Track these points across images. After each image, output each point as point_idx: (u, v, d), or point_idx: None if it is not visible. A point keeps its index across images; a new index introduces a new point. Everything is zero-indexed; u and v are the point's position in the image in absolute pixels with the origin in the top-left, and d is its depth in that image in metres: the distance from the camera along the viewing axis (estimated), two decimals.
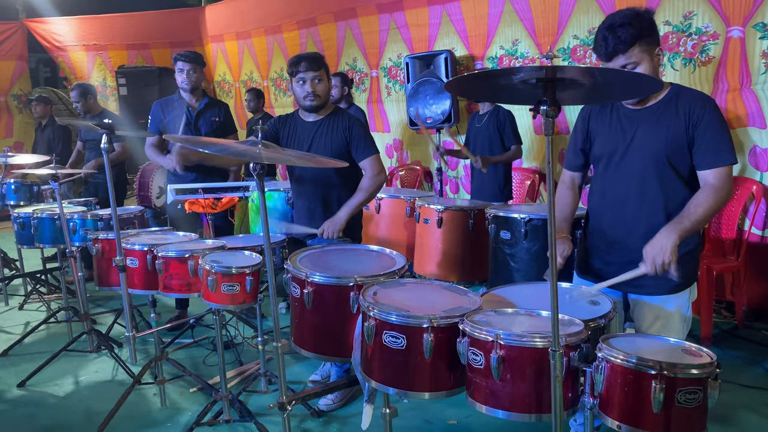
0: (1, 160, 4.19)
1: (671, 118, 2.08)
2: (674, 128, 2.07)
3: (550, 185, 1.32)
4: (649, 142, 2.10)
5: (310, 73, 3.05)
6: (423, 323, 1.77)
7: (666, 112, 2.09)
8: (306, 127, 3.19)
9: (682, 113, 2.06)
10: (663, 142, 2.08)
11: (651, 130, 2.10)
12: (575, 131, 2.38)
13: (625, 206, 2.18)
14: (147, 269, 2.92)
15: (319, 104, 3.11)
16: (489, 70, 1.28)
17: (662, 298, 2.16)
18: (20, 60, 9.23)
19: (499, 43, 5.36)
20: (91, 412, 3.18)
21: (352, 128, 3.13)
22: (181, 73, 4.08)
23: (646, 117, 2.12)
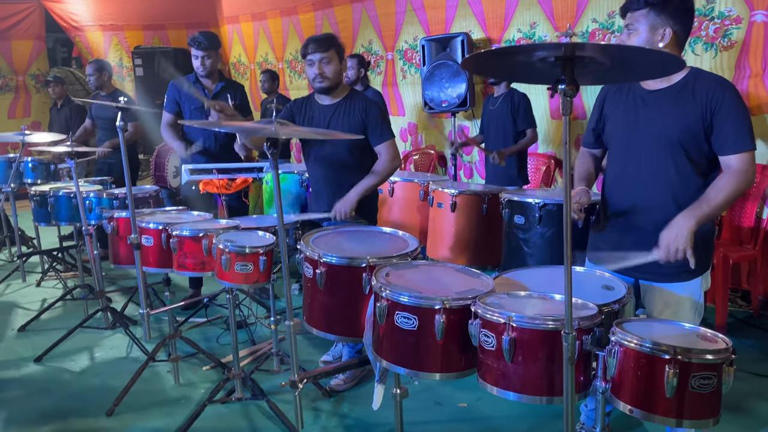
0: (18, 139, 4.22)
1: (687, 102, 2.03)
2: (690, 113, 2.02)
3: (567, 166, 1.30)
4: (662, 126, 2.07)
5: (317, 55, 3.01)
6: (435, 304, 1.77)
7: (682, 95, 2.05)
8: (323, 110, 3.16)
9: (700, 98, 2.01)
10: (676, 126, 2.04)
11: (664, 113, 2.07)
12: (593, 111, 2.37)
13: (637, 190, 2.16)
14: (162, 248, 2.94)
15: (328, 86, 3.06)
16: (507, 47, 1.26)
17: (674, 285, 2.14)
18: (38, 40, 9.27)
19: (517, 26, 5.29)
20: (105, 388, 3.23)
21: (368, 112, 3.09)
22: (196, 59, 4.06)
23: (661, 99, 2.08)
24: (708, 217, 1.98)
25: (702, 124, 2.02)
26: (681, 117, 2.03)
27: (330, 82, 3.05)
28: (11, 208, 4.89)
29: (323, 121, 3.12)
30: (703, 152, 2.07)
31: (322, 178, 3.22)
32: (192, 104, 4.10)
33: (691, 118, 2.02)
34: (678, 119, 2.04)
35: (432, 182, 3.99)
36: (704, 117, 2.01)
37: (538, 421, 2.83)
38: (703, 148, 2.06)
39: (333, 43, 3.05)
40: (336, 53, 3.05)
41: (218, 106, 3.39)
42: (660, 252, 1.96)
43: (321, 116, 3.14)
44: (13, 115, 9.12)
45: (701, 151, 2.06)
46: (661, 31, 2.01)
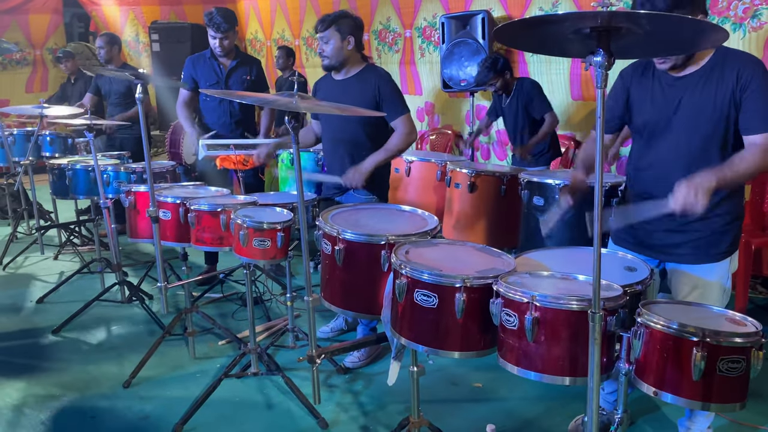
0: (37, 112, 4.23)
1: (718, 82, 1.98)
2: (722, 93, 1.98)
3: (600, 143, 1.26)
4: (696, 111, 2.02)
5: (319, 34, 3.07)
6: (456, 283, 1.75)
7: (711, 77, 2.00)
8: (336, 85, 3.18)
9: (729, 76, 1.97)
10: (710, 110, 2.00)
11: (697, 98, 2.02)
12: (614, 96, 2.29)
13: (670, 177, 2.07)
14: (179, 222, 2.94)
15: (329, 64, 3.10)
16: (543, 16, 1.21)
17: (702, 267, 2.10)
18: (55, 14, 9.26)
19: (539, 4, 5.18)
20: (122, 360, 3.26)
21: (381, 87, 3.07)
22: (214, 40, 4.02)
23: (691, 84, 2.03)
24: (727, 182, 1.91)
25: (733, 102, 1.98)
26: (713, 100, 1.99)
27: (330, 61, 3.08)
28: (29, 181, 4.91)
29: (334, 97, 3.12)
30: (736, 132, 2.02)
31: (337, 154, 3.22)
32: (208, 80, 4.08)
33: (722, 100, 1.98)
34: (710, 102, 2.00)
35: (450, 162, 3.95)
36: (735, 94, 1.97)
37: (553, 403, 2.82)
38: (735, 128, 2.02)
39: (332, 22, 3.04)
40: (336, 31, 3.03)
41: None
42: (675, 201, 1.85)
43: (333, 91, 3.17)
44: (30, 89, 9.16)
45: (734, 132, 2.02)
46: None
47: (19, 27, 8.92)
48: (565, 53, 1.40)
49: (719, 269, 2.10)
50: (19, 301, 4.14)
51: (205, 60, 4.13)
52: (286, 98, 1.90)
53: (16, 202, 5.62)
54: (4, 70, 8.93)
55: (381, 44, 6.82)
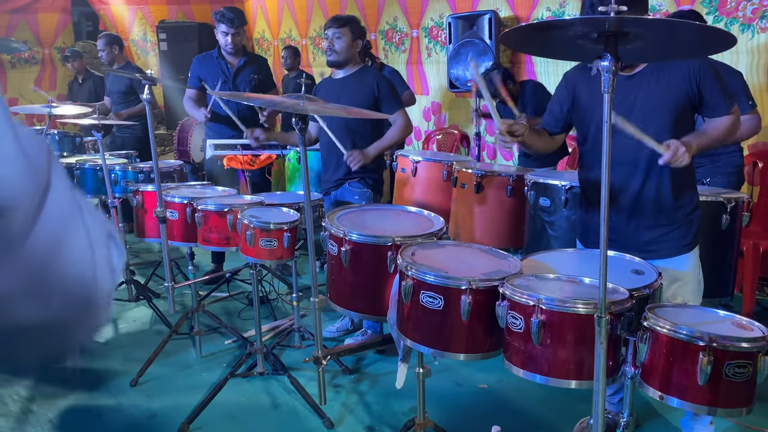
0: (45, 111, 4.25)
1: (669, 77, 2.08)
2: (674, 86, 2.08)
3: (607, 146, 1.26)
4: (651, 108, 2.10)
5: (331, 30, 3.22)
6: (462, 285, 1.75)
7: (662, 72, 2.09)
8: (335, 84, 3.36)
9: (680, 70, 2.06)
10: (666, 105, 2.09)
11: (653, 93, 2.10)
12: (557, 98, 2.35)
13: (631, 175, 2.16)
14: (186, 222, 2.96)
15: (336, 59, 3.26)
16: (549, 21, 1.21)
17: (676, 260, 2.18)
18: (63, 13, 9.29)
19: (546, 5, 5.17)
20: (129, 359, 3.28)
21: (380, 85, 3.27)
22: (225, 36, 4.04)
23: (644, 81, 2.11)
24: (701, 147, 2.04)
25: (689, 96, 2.08)
26: (667, 94, 2.09)
27: (338, 56, 3.25)
28: None
29: (334, 94, 3.28)
30: (689, 123, 2.15)
31: (332, 149, 3.31)
32: (215, 79, 4.10)
33: (676, 93, 2.08)
34: (665, 97, 2.09)
35: (456, 162, 3.94)
36: (690, 87, 2.07)
37: (558, 404, 2.81)
38: (689, 118, 2.14)
39: (349, 22, 3.26)
40: (350, 31, 3.24)
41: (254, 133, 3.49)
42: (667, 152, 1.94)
43: (333, 89, 3.33)
44: (39, 87, 9.19)
45: (687, 122, 2.14)
46: None
47: (27, 26, 8.96)
48: (572, 57, 1.40)
49: (691, 259, 2.20)
50: None
51: (213, 59, 4.14)
52: (293, 100, 1.91)
53: None
54: (13, 69, 8.97)
55: (388, 44, 6.82)
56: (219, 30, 4.05)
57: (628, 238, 2.19)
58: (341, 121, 3.26)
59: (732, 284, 2.99)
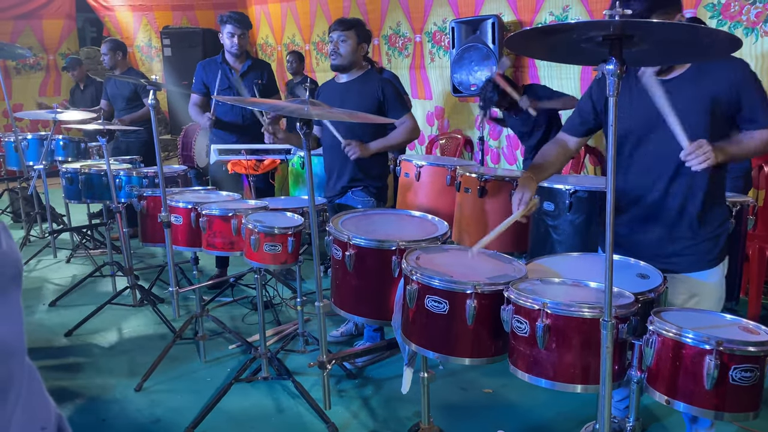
0: (50, 117, 4.27)
1: (707, 84, 1.97)
2: (712, 93, 1.96)
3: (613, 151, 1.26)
4: (686, 113, 1.96)
5: (336, 33, 3.18)
6: (467, 289, 1.75)
7: (699, 79, 1.98)
8: (339, 87, 3.32)
9: (719, 77, 1.96)
10: (701, 111, 1.97)
11: (689, 99, 1.98)
12: (588, 98, 2.24)
13: (657, 181, 2.08)
14: (191, 227, 2.96)
15: (340, 63, 3.22)
16: (552, 25, 1.21)
17: (699, 274, 2.10)
18: (68, 19, 9.35)
19: (549, 9, 5.18)
20: (133, 363, 3.28)
21: (385, 89, 3.24)
22: (232, 37, 4.06)
23: (680, 86, 2.00)
24: (733, 156, 1.95)
25: (728, 104, 1.97)
26: (703, 101, 1.97)
27: (342, 59, 3.21)
28: (43, 185, 4.96)
29: (338, 98, 3.25)
30: (725, 134, 2.02)
31: (335, 154, 3.32)
32: (220, 85, 4.12)
33: (714, 100, 1.97)
34: (701, 103, 1.97)
35: (459, 167, 3.94)
36: (730, 97, 1.96)
37: (563, 408, 2.80)
38: (725, 129, 2.02)
39: (355, 25, 3.22)
40: (355, 35, 3.20)
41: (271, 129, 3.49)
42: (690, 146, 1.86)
43: (336, 93, 3.29)
44: (43, 93, 9.24)
45: (723, 133, 2.01)
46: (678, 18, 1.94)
47: (32, 32, 9.01)
48: (577, 61, 1.40)
49: (715, 274, 2.10)
50: (33, 304, 4.18)
51: (217, 65, 4.16)
52: (297, 105, 1.91)
53: (30, 206, 5.67)
54: (18, 75, 9.02)
55: (391, 49, 6.84)
56: (224, 32, 4.08)
57: (650, 248, 2.10)
58: (344, 126, 3.26)
59: (737, 288, 2.98)
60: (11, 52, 5.19)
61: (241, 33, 4.05)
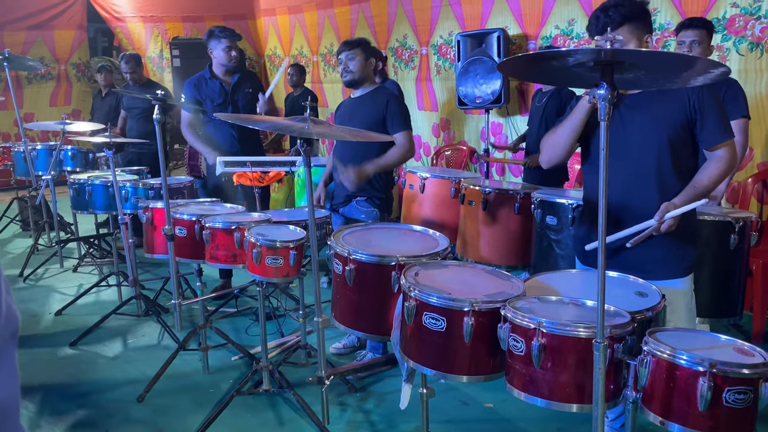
0: (59, 128, 4.32)
1: (669, 100, 2.10)
2: (674, 110, 2.10)
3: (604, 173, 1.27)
4: (650, 127, 2.13)
5: (344, 54, 3.35)
6: (464, 307, 1.76)
7: (663, 94, 2.11)
8: (352, 102, 3.47)
9: (678, 94, 2.09)
10: (665, 125, 2.11)
11: (651, 114, 2.13)
12: None
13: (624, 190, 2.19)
14: (194, 239, 2.99)
15: (353, 79, 3.36)
16: (543, 51, 1.23)
17: (670, 282, 2.17)
18: (80, 29, 9.47)
19: (554, 23, 5.20)
20: (137, 374, 3.30)
21: (389, 104, 3.36)
22: (229, 51, 4.05)
23: (644, 101, 2.14)
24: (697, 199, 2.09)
25: (687, 119, 2.10)
26: (666, 116, 2.11)
27: (353, 76, 3.36)
28: (51, 194, 5.01)
29: (349, 113, 3.41)
30: (688, 148, 2.16)
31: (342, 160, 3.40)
32: (215, 100, 4.12)
33: (676, 116, 2.10)
34: (664, 119, 2.11)
35: (464, 179, 3.95)
36: (687, 112, 2.10)
37: (564, 425, 2.80)
38: (688, 143, 2.15)
39: (359, 43, 3.38)
40: (362, 51, 3.36)
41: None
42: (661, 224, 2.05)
43: (349, 108, 3.45)
44: (54, 103, 9.35)
45: (687, 147, 2.16)
46: (645, 39, 2.08)
47: (44, 42, 9.13)
48: (571, 84, 1.42)
49: (685, 284, 2.19)
50: (39, 313, 4.22)
51: (206, 81, 4.14)
52: (299, 123, 1.93)
53: (38, 215, 5.73)
54: (29, 85, 9.13)
55: (398, 61, 6.88)
56: (219, 47, 4.04)
57: (624, 256, 2.19)
58: (349, 147, 3.38)
59: (741, 304, 2.97)
60: (22, 64, 5.27)
61: (235, 45, 4.09)
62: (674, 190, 2.13)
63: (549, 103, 4.32)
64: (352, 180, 3.25)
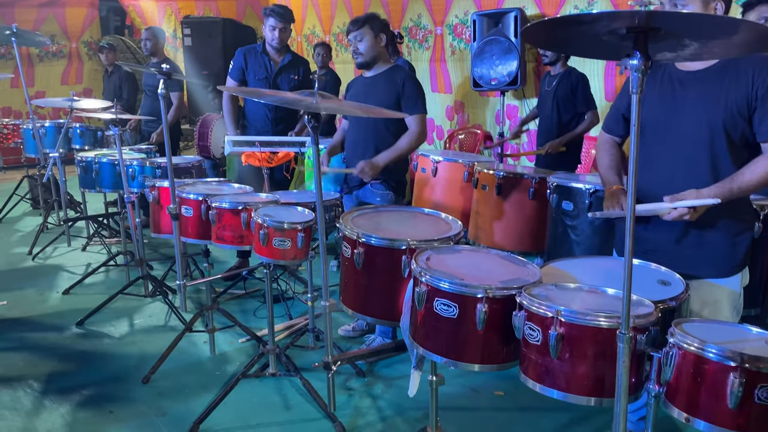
0: (67, 105, 4.26)
1: (731, 83, 1.89)
2: (734, 94, 1.88)
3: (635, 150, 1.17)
4: (703, 108, 1.92)
5: (352, 34, 3.23)
6: (477, 293, 1.67)
7: (725, 74, 1.90)
8: (365, 82, 3.34)
9: (744, 77, 1.87)
10: (719, 109, 1.90)
11: (707, 94, 1.92)
12: (621, 96, 2.23)
13: (673, 178, 2.00)
14: (201, 219, 2.92)
15: (364, 61, 3.25)
16: (575, 15, 1.13)
17: (718, 280, 2.02)
18: (91, 8, 9.40)
19: (574, 2, 5.05)
20: (143, 355, 3.27)
21: (405, 84, 3.23)
22: (273, 30, 4.05)
23: (703, 79, 1.93)
24: (733, 197, 1.88)
25: (746, 106, 1.88)
26: (724, 99, 1.90)
27: (364, 57, 3.24)
28: (59, 173, 4.97)
29: (363, 93, 3.29)
30: (745, 136, 1.93)
31: (356, 149, 3.34)
32: (257, 75, 4.10)
33: (735, 100, 1.89)
34: (721, 101, 1.90)
35: (477, 163, 3.85)
36: (749, 99, 1.87)
37: (577, 414, 2.72)
38: (746, 131, 1.93)
39: (368, 20, 3.23)
40: (370, 29, 3.22)
41: None
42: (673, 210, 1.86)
43: (362, 88, 3.33)
44: (66, 81, 9.32)
45: (743, 135, 1.93)
46: (713, 5, 1.86)
47: (55, 20, 9.07)
48: (598, 55, 1.31)
49: (733, 282, 2.01)
50: (46, 292, 4.19)
51: (257, 54, 4.16)
52: (307, 97, 1.85)
53: (48, 193, 5.70)
54: (41, 62, 9.09)
55: (411, 41, 6.74)
56: (267, 24, 4.07)
57: (668, 251, 2.03)
58: (363, 128, 3.28)
59: (762, 294, 2.86)
60: (32, 39, 5.20)
61: (282, 27, 4.05)
62: None
63: (559, 87, 4.21)
64: (367, 174, 3.16)
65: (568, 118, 4.21)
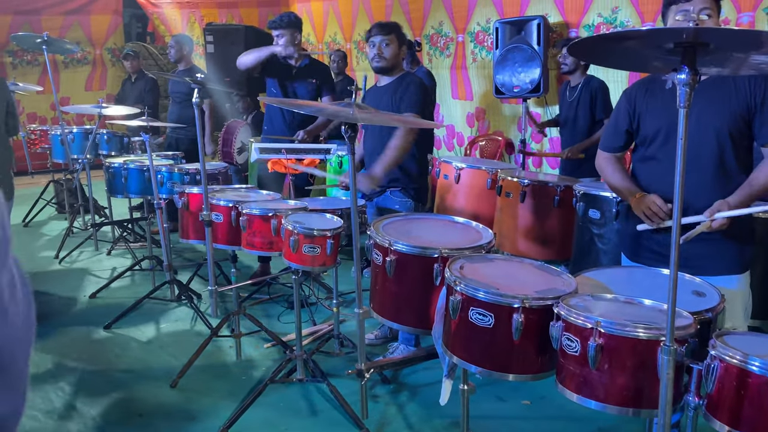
0: (96, 111, 4.33)
1: (730, 90, 1.96)
2: (734, 101, 1.96)
3: (680, 162, 1.17)
4: (710, 116, 1.99)
5: (379, 37, 3.19)
6: (514, 303, 1.68)
7: (724, 84, 1.97)
8: (378, 90, 3.34)
9: (742, 86, 1.95)
10: (726, 115, 1.97)
11: (711, 102, 1.98)
12: (618, 111, 2.26)
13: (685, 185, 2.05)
14: (231, 225, 2.95)
15: (384, 66, 3.23)
16: (625, 31, 1.13)
17: (725, 279, 2.04)
18: (115, 15, 9.53)
19: (597, 10, 5.04)
20: (170, 359, 3.30)
21: (407, 87, 3.23)
22: (279, 39, 4.11)
23: (703, 90, 1.98)
24: (753, 200, 1.96)
25: (747, 112, 1.97)
26: (728, 106, 1.98)
27: (386, 63, 3.22)
28: (87, 178, 5.05)
29: (375, 100, 3.27)
30: (751, 141, 2.03)
31: (372, 151, 3.31)
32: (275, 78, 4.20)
33: (736, 107, 1.97)
34: (725, 108, 1.98)
35: (501, 170, 3.85)
36: (749, 105, 1.96)
37: (605, 424, 2.71)
38: (747, 137, 2.02)
39: (396, 29, 3.25)
40: (396, 38, 3.22)
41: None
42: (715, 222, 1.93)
43: (376, 96, 3.32)
44: (90, 87, 9.45)
45: (749, 140, 2.02)
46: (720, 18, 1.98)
47: (80, 27, 9.21)
48: (644, 69, 1.32)
49: (742, 280, 2.06)
50: (74, 296, 4.25)
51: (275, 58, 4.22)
52: (344, 108, 1.87)
53: (74, 198, 5.78)
54: (65, 69, 9.23)
55: (432, 48, 6.76)
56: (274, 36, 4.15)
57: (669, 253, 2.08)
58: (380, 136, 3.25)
59: None
60: (60, 47, 5.30)
61: (279, 33, 4.09)
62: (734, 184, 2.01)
63: (582, 97, 4.22)
64: (368, 187, 3.08)
65: (590, 125, 4.21)
